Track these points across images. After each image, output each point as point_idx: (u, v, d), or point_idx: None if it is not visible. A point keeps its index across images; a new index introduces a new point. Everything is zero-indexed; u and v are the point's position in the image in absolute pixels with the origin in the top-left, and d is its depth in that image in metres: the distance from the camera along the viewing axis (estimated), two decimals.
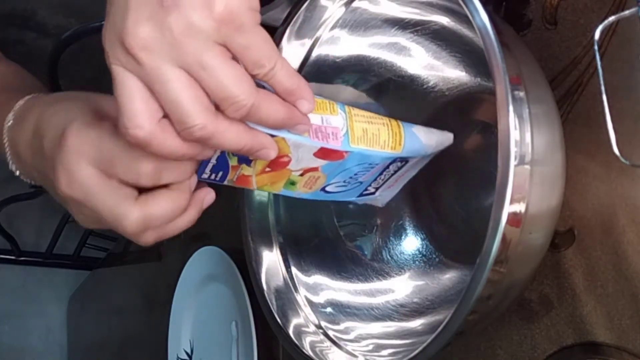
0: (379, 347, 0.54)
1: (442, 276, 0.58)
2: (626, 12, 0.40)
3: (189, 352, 0.94)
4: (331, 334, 0.56)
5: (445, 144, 0.54)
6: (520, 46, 0.44)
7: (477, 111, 0.56)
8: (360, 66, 0.59)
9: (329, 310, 0.59)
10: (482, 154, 0.55)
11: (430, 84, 0.58)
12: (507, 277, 0.41)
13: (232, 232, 0.70)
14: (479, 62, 0.53)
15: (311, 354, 0.54)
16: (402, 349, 0.50)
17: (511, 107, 0.38)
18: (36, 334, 1.73)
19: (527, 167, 0.39)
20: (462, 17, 0.48)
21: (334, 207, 0.62)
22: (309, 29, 0.57)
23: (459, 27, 0.53)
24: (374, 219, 0.63)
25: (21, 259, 1.51)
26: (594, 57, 0.45)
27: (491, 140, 0.54)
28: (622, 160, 0.40)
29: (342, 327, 0.57)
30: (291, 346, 0.55)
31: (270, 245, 0.61)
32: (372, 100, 0.60)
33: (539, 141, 0.40)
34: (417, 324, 0.55)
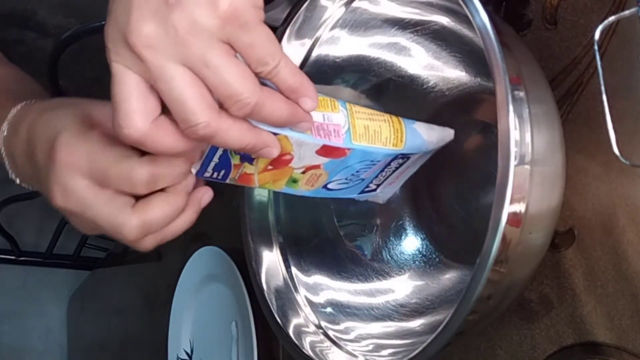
0: (379, 347, 0.54)
1: (442, 276, 0.58)
2: (626, 12, 0.40)
3: (189, 352, 0.94)
4: (331, 334, 0.56)
5: (446, 140, 0.54)
6: (520, 46, 0.44)
7: (477, 111, 0.56)
8: (360, 66, 0.59)
9: (329, 310, 0.59)
10: (482, 154, 0.55)
11: (430, 84, 0.58)
12: (507, 277, 0.41)
13: (232, 232, 0.70)
14: (479, 62, 0.53)
15: (311, 354, 0.54)
16: (402, 349, 0.50)
17: (511, 107, 0.38)
18: (36, 334, 1.73)
19: (527, 167, 0.39)
20: (462, 17, 0.48)
21: (334, 207, 0.62)
22: (309, 29, 0.57)
23: (459, 27, 0.53)
24: (374, 219, 0.63)
25: (21, 259, 1.51)
26: (594, 57, 0.45)
27: (491, 140, 0.54)
28: (622, 160, 0.40)
29: (342, 327, 0.57)
30: (291, 346, 0.55)
31: (270, 245, 0.61)
32: (371, 102, 0.60)
33: (539, 141, 0.40)
34: (417, 324, 0.55)
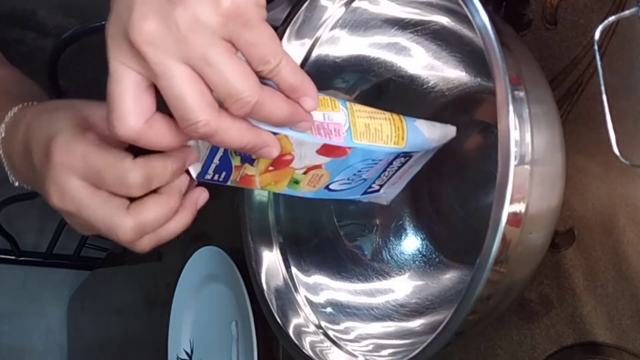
0: (379, 347, 0.54)
1: (442, 276, 0.58)
2: (626, 12, 0.40)
3: (189, 352, 0.94)
4: (331, 334, 0.56)
5: (448, 137, 0.53)
6: (520, 46, 0.44)
7: (477, 111, 0.56)
8: (360, 66, 0.59)
9: (329, 310, 0.59)
10: (482, 154, 0.55)
11: (430, 84, 0.58)
12: (507, 277, 0.41)
13: (232, 232, 0.70)
14: (479, 62, 0.53)
15: (311, 354, 0.54)
16: (402, 349, 0.50)
17: (511, 107, 0.38)
18: (36, 334, 1.73)
19: (527, 167, 0.39)
20: (462, 17, 0.48)
21: (334, 206, 0.62)
22: (309, 29, 0.57)
23: (459, 27, 0.53)
24: (374, 219, 0.63)
25: (21, 259, 1.51)
26: (594, 57, 0.45)
27: (491, 140, 0.54)
28: (622, 160, 0.40)
29: (342, 327, 0.57)
30: (291, 346, 0.55)
31: (270, 245, 0.61)
32: (371, 102, 0.59)
33: (539, 141, 0.40)
34: (417, 324, 0.55)
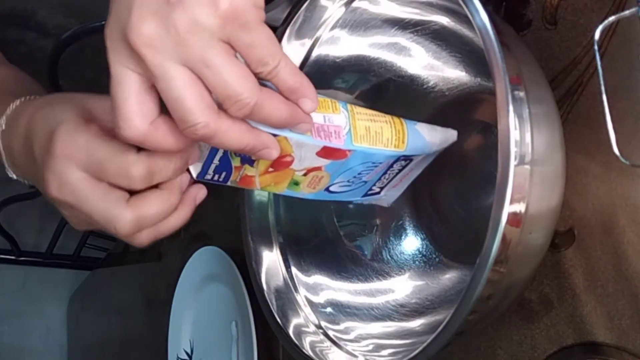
0: (379, 347, 0.54)
1: (442, 276, 0.58)
2: (626, 12, 0.40)
3: (189, 352, 0.94)
4: (331, 334, 0.56)
5: (449, 142, 0.53)
6: (520, 46, 0.44)
7: (477, 111, 0.56)
8: (360, 66, 0.59)
9: (329, 310, 0.59)
10: (482, 154, 0.55)
11: (430, 84, 0.58)
12: (507, 277, 0.40)
13: (232, 232, 0.70)
14: (479, 62, 0.53)
15: (311, 354, 0.54)
16: (402, 349, 0.50)
17: (511, 107, 0.38)
18: (36, 334, 1.73)
19: (527, 167, 0.39)
20: (462, 17, 0.48)
21: (334, 207, 0.62)
22: (309, 29, 0.57)
23: (459, 27, 0.53)
24: (374, 219, 0.63)
25: (21, 259, 1.51)
26: (594, 57, 0.45)
27: (491, 140, 0.54)
28: (622, 160, 0.40)
29: (342, 327, 0.57)
30: (291, 346, 0.55)
31: (270, 245, 0.61)
32: (371, 102, 0.59)
33: (539, 141, 0.40)
34: (417, 324, 0.55)
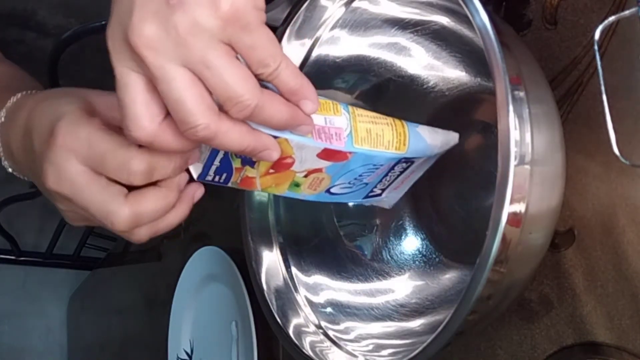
0: (379, 347, 0.54)
1: (442, 276, 0.58)
2: (626, 12, 0.40)
3: (189, 352, 0.94)
4: (331, 334, 0.56)
5: (450, 144, 0.53)
6: (520, 46, 0.44)
7: (477, 111, 0.56)
8: (360, 66, 0.59)
9: (329, 310, 0.59)
10: (482, 154, 0.55)
11: (430, 84, 0.58)
12: (507, 277, 0.40)
13: (232, 232, 0.70)
14: (479, 62, 0.53)
15: (311, 354, 0.54)
16: (402, 349, 0.50)
17: (511, 107, 0.38)
18: (36, 334, 1.73)
19: (527, 167, 0.39)
20: (462, 17, 0.48)
21: (334, 207, 0.62)
22: (309, 29, 0.57)
23: (459, 27, 0.53)
24: (374, 219, 0.63)
25: (21, 259, 1.51)
26: (594, 57, 0.45)
27: (491, 140, 0.54)
28: (622, 160, 0.40)
29: (342, 327, 0.57)
30: (291, 346, 0.55)
31: (270, 245, 0.61)
32: (370, 103, 0.59)
33: (539, 141, 0.40)
34: (417, 324, 0.55)
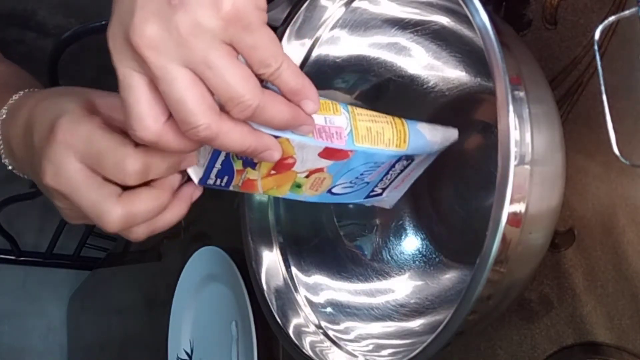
0: (379, 347, 0.54)
1: (442, 276, 0.58)
2: (626, 12, 0.40)
3: (189, 352, 0.94)
4: (331, 334, 0.56)
5: (450, 140, 0.53)
6: (520, 46, 0.44)
7: (477, 111, 0.56)
8: (360, 66, 0.59)
9: (329, 310, 0.59)
10: (482, 154, 0.55)
11: (430, 84, 0.58)
12: (507, 277, 0.40)
13: (232, 232, 0.70)
14: (479, 62, 0.53)
15: (311, 354, 0.54)
16: (402, 349, 0.50)
17: (511, 107, 0.38)
18: (36, 334, 1.73)
19: (527, 167, 0.39)
20: (462, 17, 0.48)
21: (334, 207, 0.62)
22: (309, 29, 0.57)
23: (459, 27, 0.53)
24: (374, 219, 0.63)
25: (21, 259, 1.51)
26: (594, 57, 0.45)
27: (491, 140, 0.54)
28: (622, 160, 0.40)
29: (342, 327, 0.57)
30: (291, 346, 0.55)
31: (270, 245, 0.61)
32: (370, 103, 0.59)
33: (539, 141, 0.40)
34: (417, 324, 0.55)
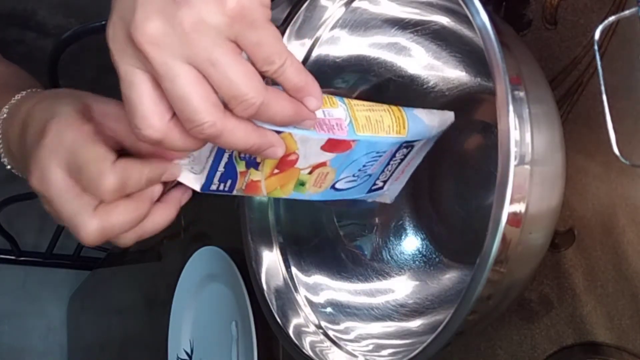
0: (379, 347, 0.54)
1: (442, 276, 0.58)
2: (626, 12, 0.40)
3: (189, 352, 0.94)
4: (331, 334, 0.56)
5: (447, 123, 0.53)
6: (520, 46, 0.44)
7: (477, 111, 0.56)
8: (360, 66, 0.59)
9: (329, 310, 0.59)
10: (482, 154, 0.55)
11: (430, 84, 0.58)
12: (507, 277, 0.41)
13: (232, 232, 0.70)
14: (479, 62, 0.53)
15: (311, 354, 0.54)
16: (402, 349, 0.50)
17: (511, 107, 0.38)
18: (36, 334, 1.73)
19: (527, 167, 0.39)
20: (462, 17, 0.48)
21: (334, 207, 0.62)
22: (309, 29, 0.57)
23: (459, 27, 0.53)
24: (374, 219, 0.63)
25: (21, 259, 1.51)
26: (594, 57, 0.45)
27: (491, 140, 0.54)
28: (622, 160, 0.40)
29: (342, 327, 0.57)
30: (291, 346, 0.55)
31: (270, 245, 0.61)
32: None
33: (539, 141, 0.40)
34: (417, 324, 0.55)
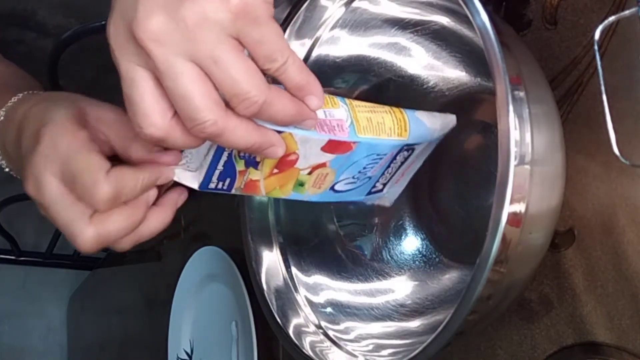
0: (379, 347, 0.54)
1: (442, 276, 0.58)
2: (626, 12, 0.40)
3: (189, 352, 0.94)
4: (331, 334, 0.56)
5: (449, 126, 0.53)
6: (520, 46, 0.44)
7: (477, 111, 0.56)
8: (360, 66, 0.59)
9: (329, 310, 0.59)
10: (482, 154, 0.55)
11: (430, 84, 0.58)
12: (507, 277, 0.41)
13: (232, 232, 0.70)
14: (479, 62, 0.53)
15: (311, 354, 0.54)
16: (402, 349, 0.50)
17: (511, 107, 0.38)
18: (36, 334, 1.73)
19: (527, 167, 0.39)
20: (462, 17, 0.48)
21: (334, 206, 0.62)
22: (309, 29, 0.57)
23: (459, 27, 0.53)
24: (374, 219, 0.63)
25: (21, 259, 1.51)
26: (594, 57, 0.45)
27: (491, 140, 0.54)
28: (622, 160, 0.40)
29: (342, 327, 0.57)
30: (291, 346, 0.55)
31: (270, 245, 0.61)
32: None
33: (539, 141, 0.40)
34: (417, 324, 0.55)
